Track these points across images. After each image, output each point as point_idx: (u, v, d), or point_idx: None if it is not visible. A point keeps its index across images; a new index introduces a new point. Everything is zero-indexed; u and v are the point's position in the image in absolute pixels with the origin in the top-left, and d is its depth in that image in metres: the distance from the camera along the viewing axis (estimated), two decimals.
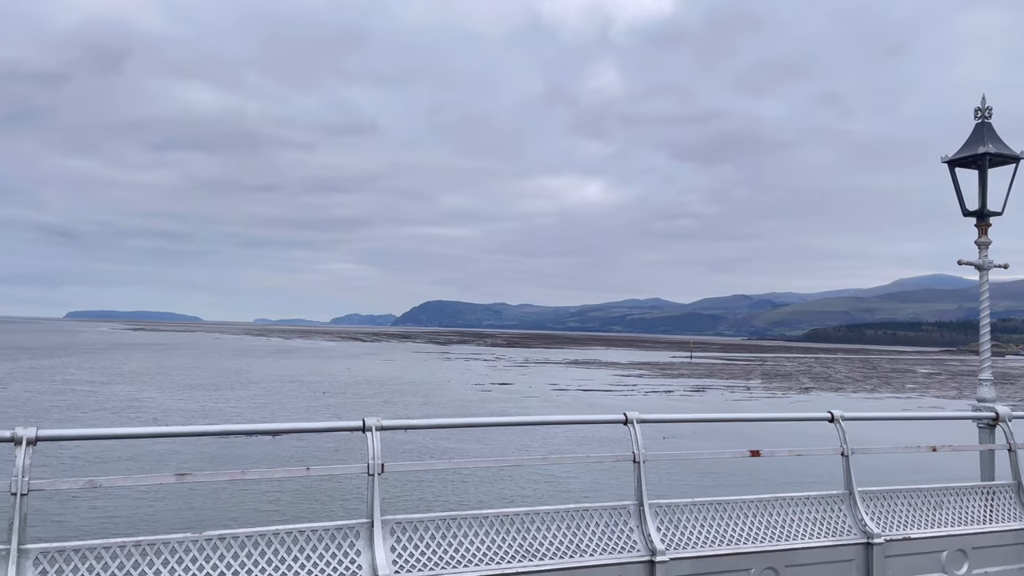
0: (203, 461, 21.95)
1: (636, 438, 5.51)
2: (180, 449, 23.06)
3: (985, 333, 7.67)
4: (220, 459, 22.58)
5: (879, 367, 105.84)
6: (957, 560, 6.24)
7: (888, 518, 6.15)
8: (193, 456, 22.62)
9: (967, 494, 6.57)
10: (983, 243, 7.49)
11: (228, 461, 21.79)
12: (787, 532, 5.75)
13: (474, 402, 43.06)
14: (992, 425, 7.11)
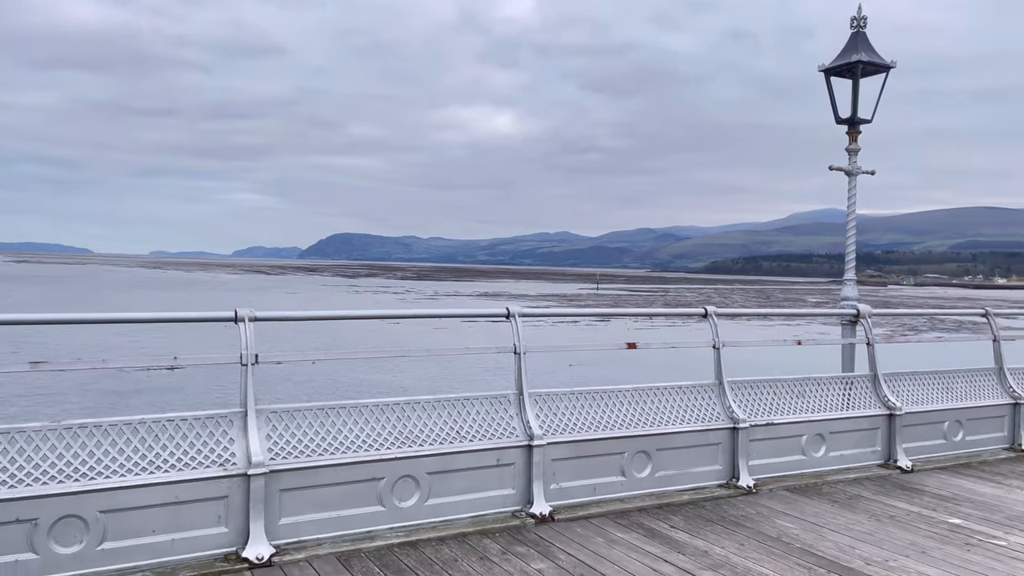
0: (68, 352, 21.15)
1: (517, 331, 5.61)
2: (38, 339, 22.08)
3: (851, 238, 8.12)
4: (89, 351, 21.77)
5: (773, 296, 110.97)
6: (815, 443, 6.72)
7: (754, 406, 6.54)
8: (59, 349, 21.77)
9: (828, 384, 7.05)
10: (853, 150, 7.86)
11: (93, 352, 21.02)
12: (660, 418, 6.04)
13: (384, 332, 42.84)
14: (853, 322, 7.60)
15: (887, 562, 4.71)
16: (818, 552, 4.85)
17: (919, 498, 6.14)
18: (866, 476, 6.72)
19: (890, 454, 7.06)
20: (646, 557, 4.66)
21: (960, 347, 8.92)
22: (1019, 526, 5.48)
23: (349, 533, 4.73)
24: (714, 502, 5.85)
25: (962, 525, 5.47)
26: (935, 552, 4.91)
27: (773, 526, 5.34)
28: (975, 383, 7.90)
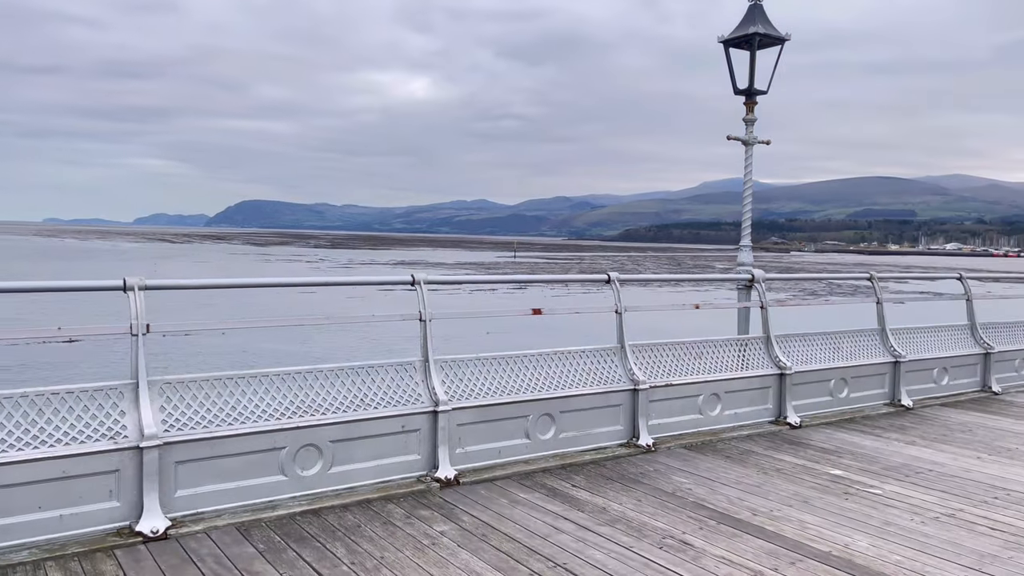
0: None
1: (422, 298, 5.61)
2: None
3: (747, 206, 8.43)
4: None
5: (683, 263, 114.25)
6: (712, 402, 7.02)
7: (654, 368, 6.77)
8: None
9: (724, 346, 7.35)
10: (750, 120, 8.13)
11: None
12: (564, 382, 6.18)
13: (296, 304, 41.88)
14: (748, 286, 7.93)
15: (772, 512, 4.99)
16: (709, 505, 5.10)
17: (805, 452, 6.52)
18: (758, 432, 7.08)
19: (781, 411, 7.45)
20: (547, 515, 4.80)
21: (849, 309, 9.45)
22: (894, 475, 5.90)
23: (249, 504, 4.68)
24: (615, 461, 6.05)
25: (843, 476, 5.85)
26: (816, 501, 5.24)
27: (669, 482, 5.58)
28: (859, 343, 8.40)
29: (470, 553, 4.19)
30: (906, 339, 8.82)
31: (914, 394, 8.61)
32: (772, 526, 4.74)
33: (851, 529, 4.72)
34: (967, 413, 8.23)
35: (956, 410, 8.38)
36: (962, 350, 9.27)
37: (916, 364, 8.69)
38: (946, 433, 7.31)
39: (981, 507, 5.19)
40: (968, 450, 6.69)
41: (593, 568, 4.05)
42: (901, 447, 6.75)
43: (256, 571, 3.93)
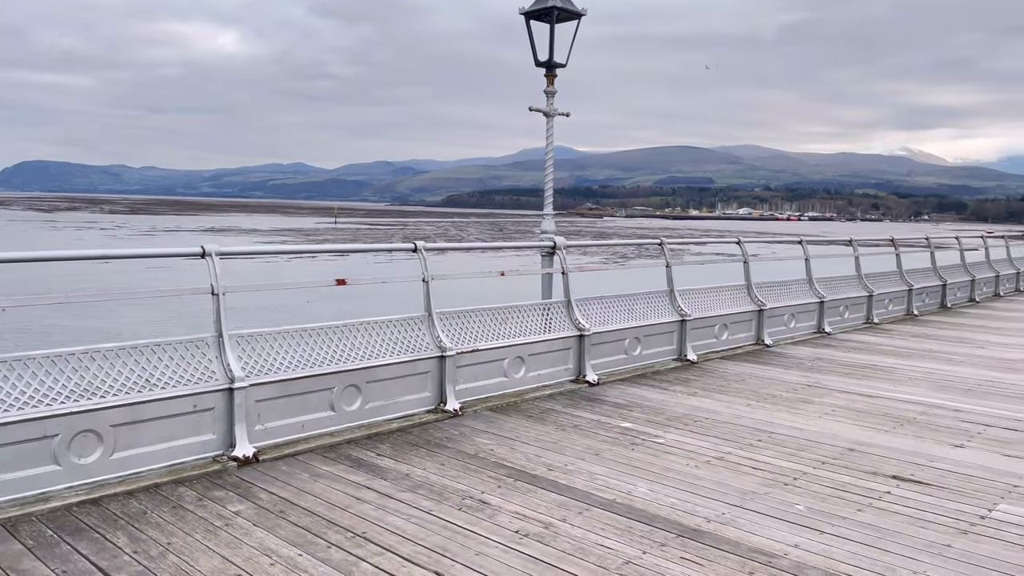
0: None
1: (215, 271, 5.35)
2: None
3: (549, 174, 8.76)
4: None
5: (505, 228, 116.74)
6: (516, 365, 7.30)
7: (461, 334, 6.91)
8: None
9: (528, 311, 7.64)
10: (550, 92, 8.41)
11: None
12: (370, 352, 6.16)
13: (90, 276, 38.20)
14: (551, 253, 8.27)
15: (566, 466, 5.31)
16: (509, 464, 5.33)
17: (600, 407, 6.96)
18: (559, 391, 7.46)
19: (581, 370, 7.89)
20: (349, 486, 4.80)
21: (647, 273, 10.17)
22: (676, 425, 6.45)
23: (17, 497, 4.29)
24: (422, 427, 6.15)
25: (631, 428, 6.32)
26: (606, 453, 5.63)
27: (473, 444, 5.76)
28: (651, 304, 9.05)
29: (266, 531, 4.11)
30: (692, 299, 9.61)
31: (699, 349, 9.42)
32: (565, 479, 5.04)
33: (635, 477, 5.12)
34: (742, 365, 9.14)
35: (734, 362, 9.28)
36: (740, 308, 10.25)
37: (700, 322, 9.50)
38: (723, 384, 8.08)
39: (747, 449, 5.82)
40: (740, 398, 7.45)
41: (392, 534, 4.11)
42: (684, 398, 7.38)
43: (24, 569, 3.62)
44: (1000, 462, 5.62)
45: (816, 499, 4.80)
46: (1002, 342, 11.17)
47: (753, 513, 4.55)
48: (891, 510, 4.64)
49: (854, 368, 9.05)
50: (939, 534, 4.29)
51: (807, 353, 10.00)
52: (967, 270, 16.72)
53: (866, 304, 12.89)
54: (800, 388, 7.93)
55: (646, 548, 4.03)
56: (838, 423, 6.61)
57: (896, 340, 11.28)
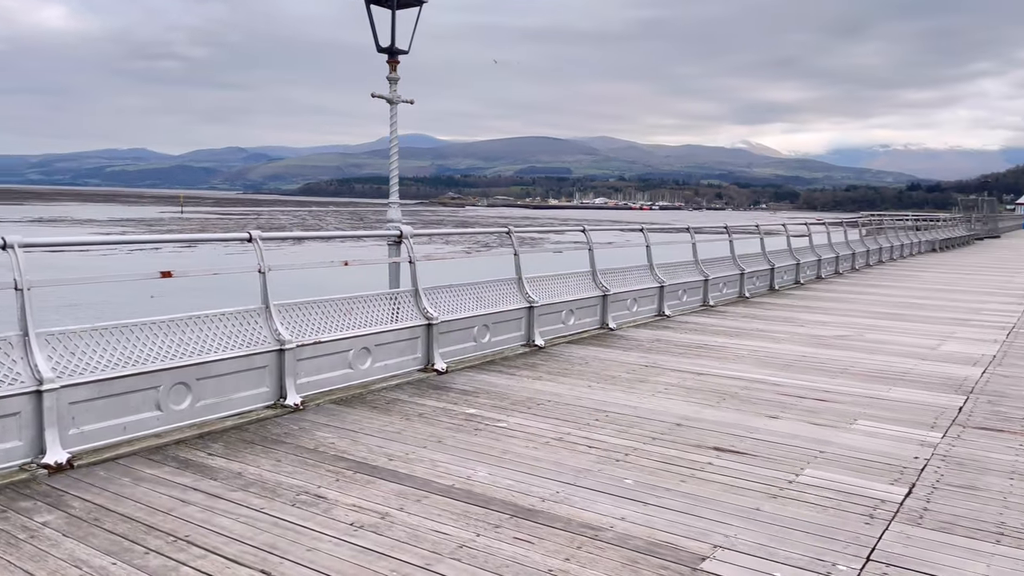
0: None
1: (17, 264, 4.91)
2: None
3: (394, 162, 8.68)
4: None
5: (366, 217, 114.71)
6: (362, 356, 7.20)
7: (302, 326, 6.73)
8: None
9: (374, 301, 7.55)
10: (393, 79, 8.33)
11: None
12: (201, 347, 5.88)
13: None
14: (398, 242, 8.21)
15: (408, 455, 5.30)
16: (349, 456, 5.26)
17: (447, 395, 7.01)
18: (407, 381, 7.44)
19: (429, 359, 7.89)
20: (174, 489, 4.57)
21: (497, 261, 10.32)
22: (520, 409, 6.59)
23: None
24: (259, 424, 5.94)
25: (476, 414, 6.40)
26: (449, 440, 5.67)
27: (313, 438, 5.64)
28: (500, 292, 9.19)
29: (76, 541, 3.84)
30: (540, 286, 9.84)
31: (547, 334, 9.68)
32: (405, 468, 5.04)
33: (475, 462, 5.19)
34: (587, 348, 9.47)
35: (579, 346, 9.60)
36: (586, 293, 10.61)
37: (548, 308, 9.76)
38: (568, 367, 8.34)
39: (585, 429, 6.04)
40: (582, 380, 7.72)
41: (218, 535, 3.96)
42: (529, 383, 7.56)
43: None
44: (809, 430, 6.14)
45: (644, 473, 5.06)
46: (819, 320, 12.20)
47: (586, 490, 4.73)
48: (711, 479, 4.97)
49: (688, 348, 9.60)
50: (751, 499, 4.64)
51: (647, 335, 10.50)
52: (792, 255, 18.12)
53: (703, 288, 13.70)
54: (638, 369, 8.32)
55: (481, 530, 4.11)
56: (670, 400, 6.99)
57: (728, 321, 12.06)
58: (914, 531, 4.23)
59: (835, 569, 3.76)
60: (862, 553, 3.94)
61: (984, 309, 13.88)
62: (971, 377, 8.16)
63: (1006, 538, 4.16)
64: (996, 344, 10.20)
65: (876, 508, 4.53)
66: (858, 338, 10.53)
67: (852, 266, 22.24)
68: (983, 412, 6.77)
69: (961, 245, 37.82)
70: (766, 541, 4.06)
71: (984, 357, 9.28)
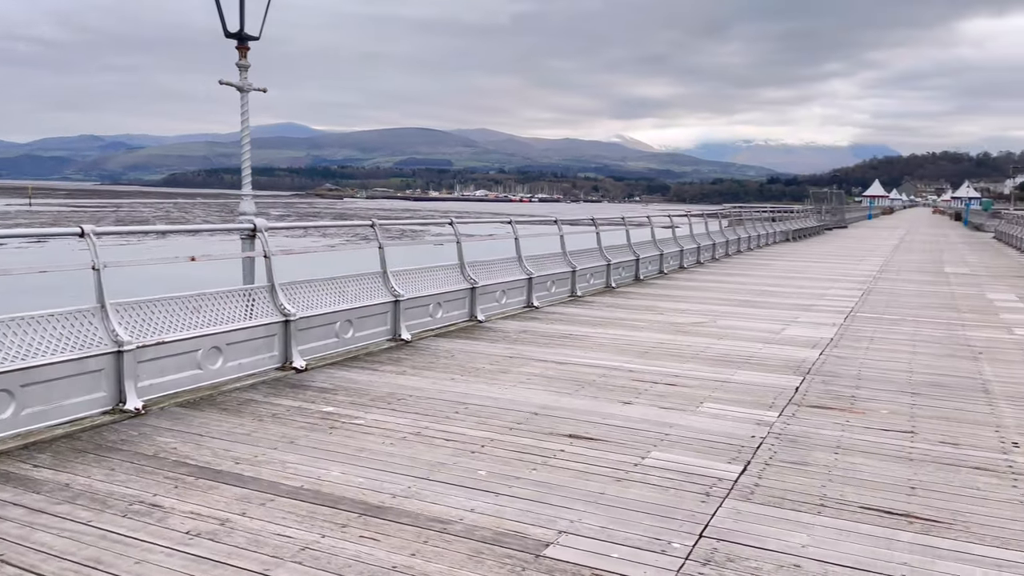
0: None
1: None
2: None
3: (246, 153, 8.35)
4: None
5: (235, 210, 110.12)
6: (212, 356, 6.89)
7: (144, 326, 6.37)
8: None
9: (225, 297, 7.24)
10: (243, 65, 8.00)
11: None
12: (27, 352, 5.45)
13: None
14: (251, 236, 7.90)
15: (256, 457, 5.12)
16: (191, 461, 5.02)
17: (304, 393, 6.82)
18: (262, 380, 7.19)
19: (287, 357, 7.66)
20: None
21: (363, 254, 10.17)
22: (379, 405, 6.51)
23: None
24: (94, 431, 5.58)
25: (333, 412, 6.27)
26: (302, 440, 5.52)
27: (153, 444, 5.35)
28: (364, 286, 9.04)
29: None
30: (406, 280, 9.76)
31: (413, 328, 9.61)
32: (252, 471, 4.86)
33: (328, 461, 5.08)
34: (454, 341, 9.48)
35: (446, 339, 9.60)
36: (454, 286, 10.62)
37: (415, 301, 9.69)
38: (433, 360, 8.32)
39: (443, 422, 6.04)
40: (446, 374, 7.72)
41: (37, 552, 3.68)
42: (392, 378, 7.48)
43: None
44: (658, 414, 6.40)
45: (498, 463, 5.11)
46: (678, 308, 12.74)
47: (439, 484, 4.73)
48: (562, 466, 5.09)
49: (553, 338, 9.80)
50: (598, 484, 4.78)
51: (515, 327, 10.64)
52: (656, 246, 18.84)
53: (570, 279, 14.01)
54: (502, 360, 8.41)
55: (326, 531, 4.02)
56: (530, 390, 7.10)
57: (594, 311, 12.39)
58: (745, 507, 4.49)
59: (669, 547, 3.94)
60: (696, 530, 4.14)
61: (827, 295, 14.93)
62: (809, 359, 8.76)
63: (827, 508, 4.48)
64: (834, 328, 11.00)
65: (713, 486, 4.78)
66: (711, 324, 11.08)
67: (713, 256, 23.39)
68: (817, 391, 7.28)
69: (813, 235, 40.52)
70: (608, 524, 4.19)
71: (822, 340, 9.98)
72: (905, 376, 7.97)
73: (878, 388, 7.42)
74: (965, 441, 5.80)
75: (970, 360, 8.87)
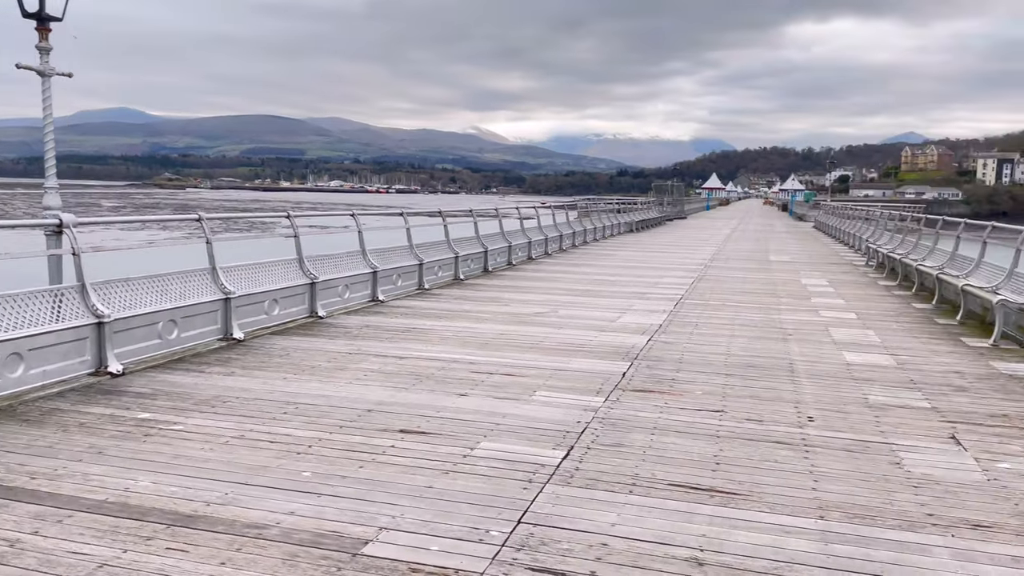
0: None
1: None
2: None
3: (49, 142, 7.72)
4: None
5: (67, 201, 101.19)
6: (12, 364, 6.32)
7: None
8: None
9: (27, 299, 6.66)
10: (44, 48, 7.36)
11: None
12: None
13: None
14: (58, 232, 7.31)
15: (56, 471, 4.76)
16: None
17: (119, 399, 6.40)
18: (71, 388, 6.68)
19: (102, 361, 7.16)
20: None
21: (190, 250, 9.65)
22: (202, 409, 6.21)
23: None
24: None
25: (149, 418, 5.92)
26: (111, 450, 5.18)
27: None
28: (190, 283, 8.59)
29: None
30: (239, 276, 9.37)
31: (248, 326, 9.25)
32: (50, 486, 4.52)
33: (138, 471, 4.80)
34: (291, 339, 9.21)
35: (283, 337, 9.31)
36: (292, 282, 10.30)
37: (248, 299, 9.32)
38: (266, 360, 8.04)
39: (270, 424, 5.85)
40: (279, 373, 7.48)
41: None
42: (219, 379, 7.17)
43: None
44: (492, 404, 6.52)
45: (324, 463, 5.03)
46: (523, 299, 13.02)
47: (258, 488, 4.59)
48: (390, 462, 5.08)
49: (396, 332, 9.74)
50: (425, 477, 4.81)
51: (357, 322, 10.48)
52: (505, 238, 19.14)
53: (418, 272, 13.97)
54: (340, 356, 8.26)
55: (129, 545, 3.81)
56: (366, 387, 7.02)
57: (441, 303, 12.43)
58: (564, 491, 4.67)
59: (487, 535, 4.03)
60: (515, 517, 4.26)
61: (661, 283, 15.76)
62: (638, 345, 9.22)
63: (637, 487, 4.74)
64: (664, 314, 11.62)
65: (536, 473, 4.93)
66: (552, 314, 11.41)
67: (561, 247, 24.07)
68: (641, 376, 7.67)
69: (655, 226, 42.58)
70: (431, 517, 4.23)
71: (652, 327, 10.53)
72: (722, 358, 8.56)
73: (696, 371, 7.93)
74: (768, 417, 6.31)
75: (781, 341, 9.66)
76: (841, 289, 15.54)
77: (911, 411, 6.57)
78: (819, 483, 4.86)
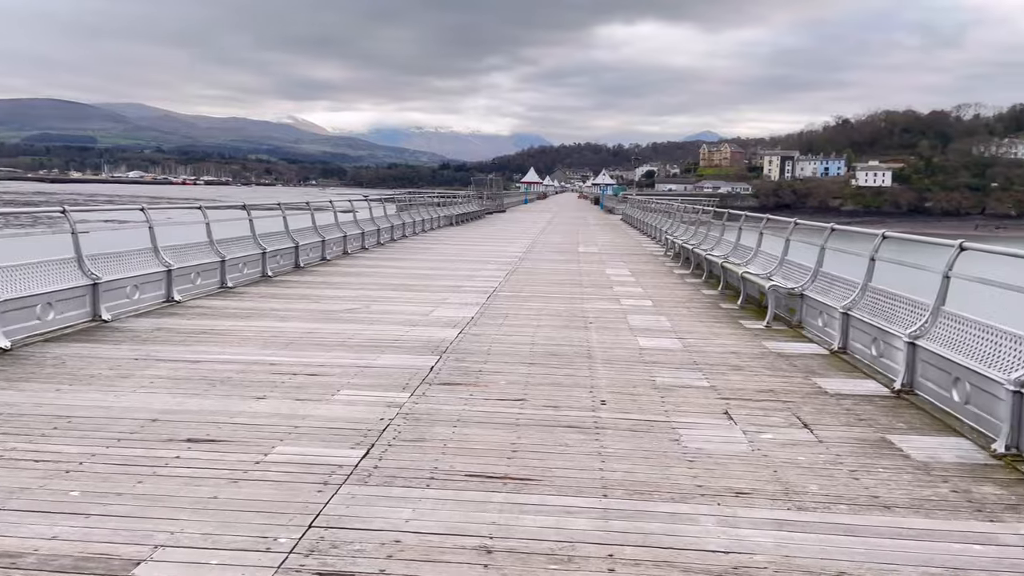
0: None
1: None
2: None
3: None
4: None
5: None
6: None
7: None
8: None
9: None
10: None
11: None
12: None
13: None
14: None
15: None
16: None
17: None
18: None
19: None
20: None
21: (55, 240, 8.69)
22: None
23: None
24: None
25: None
26: None
27: None
28: None
29: None
30: (4, 278, 8.40)
31: (15, 334, 8.31)
32: None
33: None
34: (69, 346, 8.39)
35: (59, 344, 8.46)
36: (68, 283, 9.37)
37: (15, 303, 8.38)
38: (35, 371, 7.27)
39: (36, 441, 5.29)
40: (51, 384, 6.79)
41: None
42: None
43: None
44: (291, 407, 6.29)
45: (96, 480, 4.63)
46: (335, 295, 12.71)
47: (15, 513, 4.14)
48: (173, 475, 4.76)
49: (191, 334, 9.15)
50: (210, 488, 4.56)
51: (148, 324, 9.74)
52: (317, 232, 18.59)
53: (220, 269, 13.22)
54: (126, 363, 7.64)
55: None
56: (152, 395, 6.54)
57: (245, 302, 11.84)
58: (360, 490, 4.61)
59: (275, 543, 3.89)
60: (306, 522, 4.15)
61: (476, 276, 15.99)
62: (448, 338, 9.29)
63: (435, 481, 4.78)
64: (476, 307, 11.81)
65: (332, 474, 4.83)
66: (364, 310, 11.23)
67: (378, 241, 23.76)
68: (449, 369, 7.74)
69: (475, 219, 43.16)
70: (213, 530, 4.02)
71: (464, 319, 10.66)
72: (528, 348, 8.84)
73: (503, 361, 8.13)
74: (564, 403, 6.59)
75: (582, 329, 10.13)
76: (641, 279, 16.56)
77: (692, 390, 7.13)
78: (606, 463, 5.14)
